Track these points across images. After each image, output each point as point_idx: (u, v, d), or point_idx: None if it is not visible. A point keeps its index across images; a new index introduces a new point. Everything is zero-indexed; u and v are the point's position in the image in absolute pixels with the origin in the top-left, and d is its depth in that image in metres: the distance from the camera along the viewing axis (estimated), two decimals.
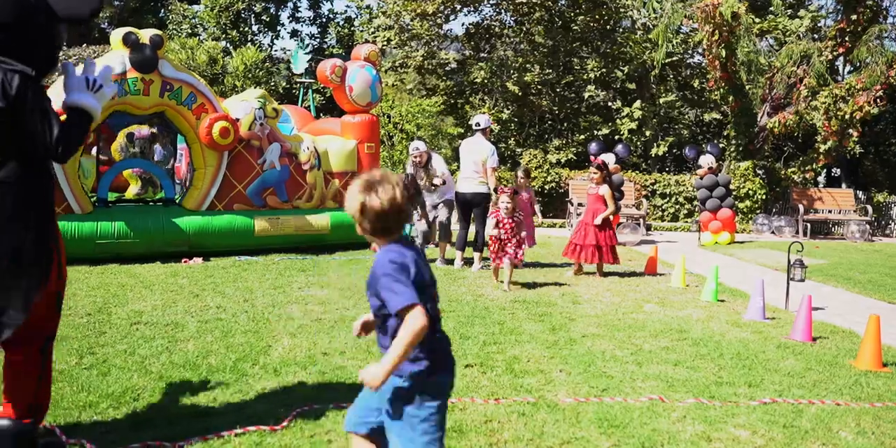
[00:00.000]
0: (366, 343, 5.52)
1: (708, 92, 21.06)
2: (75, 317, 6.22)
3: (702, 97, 22.36)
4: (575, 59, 22.17)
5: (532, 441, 3.78)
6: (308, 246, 10.36)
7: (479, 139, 9.62)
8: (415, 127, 18.72)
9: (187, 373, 4.73)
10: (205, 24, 26.74)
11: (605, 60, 21.68)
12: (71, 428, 3.74)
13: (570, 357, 5.34)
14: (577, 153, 20.89)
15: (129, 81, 9.27)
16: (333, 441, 3.70)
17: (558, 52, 21.86)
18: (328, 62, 11.28)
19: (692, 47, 21.65)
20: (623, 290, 8.07)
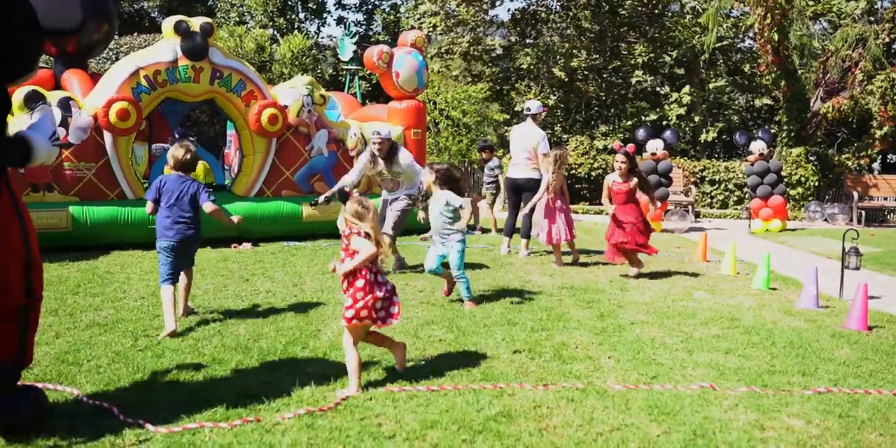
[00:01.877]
0: (413, 329, 5.55)
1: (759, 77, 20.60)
2: (129, 300, 6.36)
3: (752, 82, 21.90)
4: (622, 44, 21.87)
5: (582, 427, 3.77)
6: None
7: (529, 125, 9.56)
8: (460, 113, 18.68)
9: (239, 355, 4.81)
10: (252, 12, 26.96)
11: (653, 45, 21.35)
12: (128, 408, 3.83)
13: (618, 344, 5.30)
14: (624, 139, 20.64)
15: (180, 69, 9.41)
16: (383, 424, 3.74)
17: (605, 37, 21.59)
18: (375, 48, 11.30)
19: (743, 31, 21.19)
20: (672, 278, 7.98)
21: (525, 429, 3.72)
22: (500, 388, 4.30)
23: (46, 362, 4.59)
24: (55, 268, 7.71)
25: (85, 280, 7.12)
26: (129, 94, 9.10)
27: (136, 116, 9.07)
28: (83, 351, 4.85)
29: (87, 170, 9.02)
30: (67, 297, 6.38)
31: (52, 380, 4.27)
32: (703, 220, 15.74)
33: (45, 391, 4.07)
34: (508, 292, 6.95)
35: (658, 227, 12.69)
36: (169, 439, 3.49)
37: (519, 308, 6.31)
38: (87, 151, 8.99)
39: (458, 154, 18.45)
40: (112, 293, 6.59)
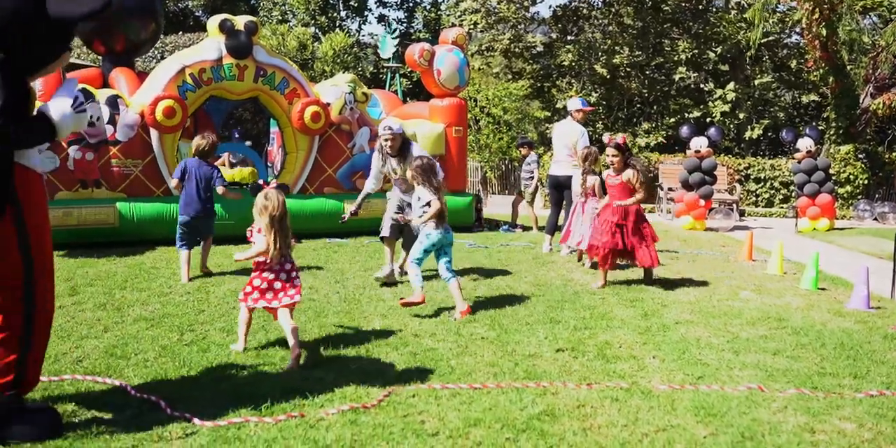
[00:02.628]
0: (455, 326, 5.55)
1: (806, 73, 20.20)
2: (175, 295, 6.45)
3: (799, 78, 21.48)
4: (665, 40, 21.59)
5: (626, 427, 3.73)
6: None
7: (569, 122, 9.51)
8: (501, 111, 18.61)
9: (282, 351, 4.85)
10: (294, 11, 27.18)
11: (696, 41, 21.04)
12: (174, 401, 3.88)
13: (663, 343, 5.24)
14: (667, 137, 20.41)
15: (225, 67, 9.51)
16: (427, 422, 3.73)
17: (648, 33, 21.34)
18: (416, 46, 11.31)
19: (790, 26, 20.78)
20: (717, 277, 7.85)
21: (569, 428, 3.69)
22: (543, 386, 4.27)
23: (96, 356, 4.67)
24: (103, 263, 7.85)
25: (132, 275, 7.24)
26: (175, 92, 9.23)
27: (182, 114, 9.19)
28: (131, 345, 4.92)
29: (133, 167, 9.16)
30: (115, 292, 6.49)
31: (101, 373, 4.34)
32: (748, 218, 15.49)
33: (95, 383, 4.16)
34: (550, 290, 6.90)
35: (702, 226, 12.52)
36: (214, 433, 3.52)
37: (561, 306, 6.26)
38: (134, 149, 9.14)
39: (499, 151, 18.40)
40: (158, 288, 6.69)
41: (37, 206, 3.43)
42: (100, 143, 8.91)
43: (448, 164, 11.13)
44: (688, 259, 9.03)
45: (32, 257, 3.38)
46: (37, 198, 3.43)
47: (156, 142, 9.23)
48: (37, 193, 3.44)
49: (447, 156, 11.16)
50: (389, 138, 7.14)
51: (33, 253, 3.38)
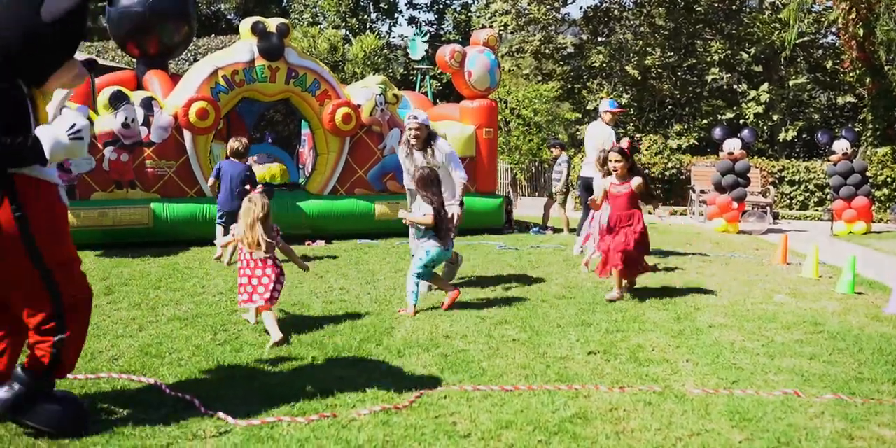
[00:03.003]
0: (486, 328, 5.53)
1: (842, 73, 19.92)
2: (208, 295, 6.50)
3: (835, 79, 21.18)
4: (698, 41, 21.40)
5: (660, 431, 3.69)
6: None
7: (599, 123, 9.48)
8: (531, 112, 18.56)
9: (314, 351, 4.87)
10: (325, 13, 27.33)
11: (729, 42, 20.83)
12: (208, 400, 3.91)
13: (696, 347, 5.18)
14: (699, 138, 20.22)
15: (257, 69, 9.59)
16: (458, 423, 3.72)
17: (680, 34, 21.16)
18: (447, 47, 11.32)
19: (825, 27, 20.50)
20: (751, 280, 7.76)
21: (602, 431, 3.66)
22: (575, 389, 4.25)
23: (131, 354, 4.72)
24: (137, 263, 7.95)
25: (166, 275, 7.32)
26: (208, 93, 9.32)
27: (215, 116, 9.29)
28: (165, 344, 4.97)
29: (167, 168, 9.27)
30: (150, 292, 6.57)
31: (137, 371, 4.39)
32: (782, 221, 15.30)
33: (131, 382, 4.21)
34: (581, 292, 6.86)
35: (735, 228, 12.38)
36: (248, 432, 3.55)
37: (593, 309, 6.22)
38: (168, 150, 9.24)
39: (529, 153, 18.34)
40: (192, 288, 6.76)
41: (45, 214, 3.38)
42: (134, 144, 9.02)
43: (478, 166, 11.13)
44: (721, 262, 8.93)
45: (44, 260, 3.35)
46: (44, 206, 3.37)
47: (189, 143, 9.33)
48: (45, 202, 3.38)
49: (478, 157, 11.16)
50: (414, 127, 6.78)
51: (45, 257, 3.35)
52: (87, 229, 8.65)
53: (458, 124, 11.20)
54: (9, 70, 3.26)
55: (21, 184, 3.31)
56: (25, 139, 3.25)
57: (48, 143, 3.30)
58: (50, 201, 3.42)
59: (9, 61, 3.26)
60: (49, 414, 3.42)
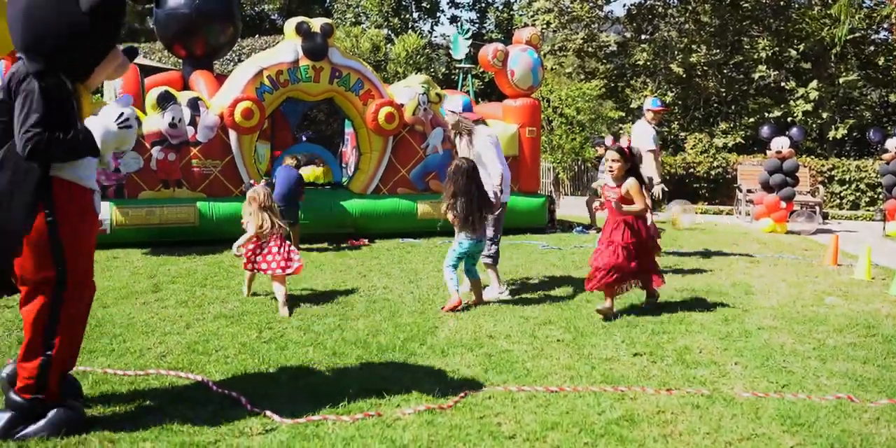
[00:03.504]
0: (530, 329, 5.50)
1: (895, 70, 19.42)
2: (253, 294, 6.55)
3: (887, 76, 20.63)
4: (744, 37, 21.03)
5: (709, 435, 3.62)
6: None
7: (641, 122, 9.35)
8: (574, 111, 18.42)
9: (358, 350, 4.88)
10: (368, 13, 27.45)
11: (777, 38, 20.43)
12: (254, 398, 3.94)
13: (745, 349, 5.08)
14: (745, 137, 19.87)
15: (301, 69, 9.66)
16: (503, 424, 3.70)
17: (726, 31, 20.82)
18: (490, 47, 11.28)
19: (877, 22, 20.01)
20: (800, 282, 7.59)
21: (649, 434, 3.61)
22: (621, 391, 4.20)
23: (178, 351, 4.78)
24: (184, 261, 8.06)
25: (211, 273, 7.41)
26: (253, 93, 9.41)
27: (260, 115, 9.37)
28: (212, 341, 5.03)
29: (213, 167, 9.38)
30: (196, 289, 6.65)
31: (184, 368, 4.44)
32: (832, 221, 14.98)
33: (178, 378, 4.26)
34: (626, 293, 6.76)
35: (783, 229, 12.15)
36: (294, 430, 3.57)
37: (638, 309, 6.14)
38: (214, 149, 9.35)
39: (572, 152, 18.21)
40: (237, 286, 6.82)
41: (76, 219, 3.39)
42: (181, 144, 9.14)
43: (521, 165, 11.07)
44: (769, 263, 8.76)
45: (66, 270, 3.36)
46: (76, 211, 3.39)
47: (234, 143, 9.42)
48: (77, 206, 3.40)
49: (520, 156, 11.10)
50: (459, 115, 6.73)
51: (68, 266, 3.36)
52: (134, 228, 8.80)
53: (500, 123, 11.15)
54: (54, 66, 3.29)
55: (56, 187, 3.33)
56: (76, 133, 3.28)
57: (99, 134, 3.32)
58: (83, 207, 3.43)
59: (53, 57, 3.29)
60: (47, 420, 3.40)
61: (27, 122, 3.18)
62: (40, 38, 3.28)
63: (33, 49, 3.29)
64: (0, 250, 3.31)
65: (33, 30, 3.28)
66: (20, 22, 3.30)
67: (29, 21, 3.28)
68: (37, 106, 3.19)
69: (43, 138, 3.17)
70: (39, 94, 3.20)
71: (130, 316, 5.65)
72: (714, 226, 12.73)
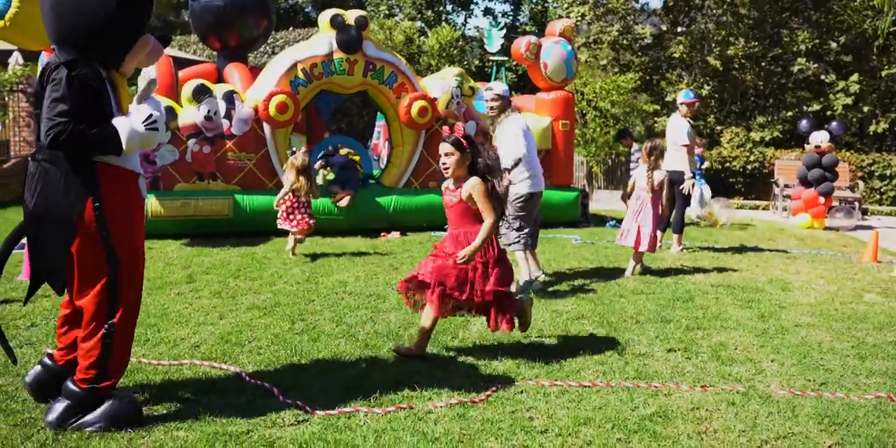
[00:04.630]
0: (563, 323, 5.46)
1: None
2: (285, 285, 6.60)
3: None
4: (783, 30, 20.66)
5: (744, 433, 3.57)
6: None
7: (675, 116, 9.25)
8: (608, 104, 18.25)
9: (391, 342, 4.88)
10: (401, 5, 27.42)
11: (817, 31, 20.03)
12: (286, 389, 3.96)
13: (781, 347, 5.00)
14: (783, 131, 19.53)
15: (335, 62, 9.67)
16: (535, 418, 3.68)
17: (765, 23, 20.45)
18: (523, 39, 11.21)
19: None
20: (839, 279, 7.45)
21: (683, 431, 3.57)
22: (654, 387, 4.15)
23: (212, 342, 4.82)
24: (217, 252, 8.13)
25: (245, 264, 7.46)
26: (287, 87, 9.45)
27: (294, 109, 9.40)
28: (245, 332, 5.06)
29: (248, 160, 9.44)
30: (229, 281, 6.70)
31: (217, 358, 4.48)
32: (872, 217, 14.68)
33: (212, 369, 4.30)
34: (661, 288, 6.70)
35: (821, 225, 11.94)
36: (326, 421, 3.58)
37: (672, 305, 6.07)
38: (248, 142, 9.41)
39: (605, 146, 18.06)
40: (269, 278, 6.87)
41: (122, 203, 3.42)
42: (216, 136, 9.21)
43: (555, 159, 11.00)
44: (806, 259, 8.62)
45: (118, 256, 3.39)
46: (123, 196, 3.42)
47: (269, 136, 9.47)
48: (123, 191, 3.43)
49: (554, 150, 11.03)
50: (490, 99, 6.82)
51: (118, 251, 3.39)
52: (170, 219, 8.89)
53: (533, 116, 11.08)
54: (85, 55, 3.31)
55: (101, 171, 3.36)
56: (103, 128, 3.30)
57: (124, 133, 3.35)
58: (128, 191, 3.46)
59: (83, 46, 3.32)
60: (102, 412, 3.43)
61: (53, 111, 3.21)
62: (70, 27, 3.33)
63: (64, 39, 3.34)
64: (62, 242, 3.35)
65: (63, 20, 3.33)
66: (51, 13, 3.36)
67: (58, 11, 3.34)
68: (63, 95, 3.21)
69: (67, 128, 3.19)
70: (66, 83, 3.22)
71: (165, 306, 5.71)
72: (750, 221, 12.54)
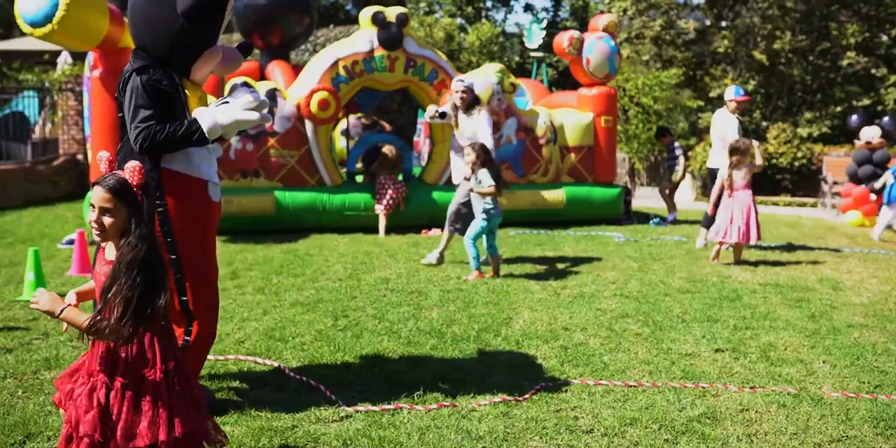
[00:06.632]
0: (607, 321, 5.39)
1: None
2: (328, 281, 6.62)
3: None
4: (832, 23, 20.22)
5: (796, 435, 3.48)
6: (542, 221, 10.31)
7: (723, 112, 9.08)
8: (651, 100, 18.03)
9: (433, 340, 4.87)
10: (441, 2, 27.41)
11: (867, 24, 19.56)
12: (330, 385, 3.97)
13: (833, 348, 4.87)
14: (831, 127, 19.12)
15: (376, 59, 9.68)
16: (580, 418, 3.63)
17: (813, 16, 20.03)
18: (565, 34, 11.10)
19: None
20: (892, 278, 7.24)
21: (732, 433, 3.49)
22: (702, 387, 4.07)
23: (256, 337, 4.85)
24: (261, 249, 8.19)
25: (287, 261, 7.51)
26: (329, 84, 9.48)
27: (336, 106, 9.43)
28: (288, 328, 5.09)
29: (290, 157, 9.50)
30: (272, 277, 6.75)
31: (262, 354, 4.51)
32: None
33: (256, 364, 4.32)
34: (707, 287, 6.59)
35: (872, 222, 11.64)
36: (369, 418, 3.57)
37: (719, 304, 5.96)
38: (291, 140, 9.46)
39: (648, 142, 17.85)
40: (312, 274, 6.90)
41: (188, 210, 3.43)
42: (259, 134, 9.29)
43: (597, 155, 10.89)
44: (857, 258, 8.40)
45: (182, 262, 3.40)
46: (188, 202, 3.43)
47: (310, 133, 9.52)
48: (189, 197, 3.43)
49: (596, 146, 10.91)
50: (461, 90, 7.46)
51: (183, 259, 3.40)
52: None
53: (575, 112, 10.98)
54: (157, 62, 3.40)
55: (166, 178, 3.38)
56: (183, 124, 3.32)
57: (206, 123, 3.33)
58: (195, 198, 3.47)
59: (155, 53, 3.41)
60: None
61: (136, 118, 3.30)
62: (139, 35, 3.46)
63: (140, 45, 3.47)
64: None
65: (139, 27, 3.46)
66: (131, 19, 3.50)
67: (135, 19, 3.47)
68: (142, 102, 3.30)
69: (151, 132, 3.26)
70: (142, 89, 3.31)
71: None
72: (797, 219, 12.29)
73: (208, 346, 3.63)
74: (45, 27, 6.77)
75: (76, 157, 14.09)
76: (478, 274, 6.80)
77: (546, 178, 10.63)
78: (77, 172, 13.70)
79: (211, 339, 3.61)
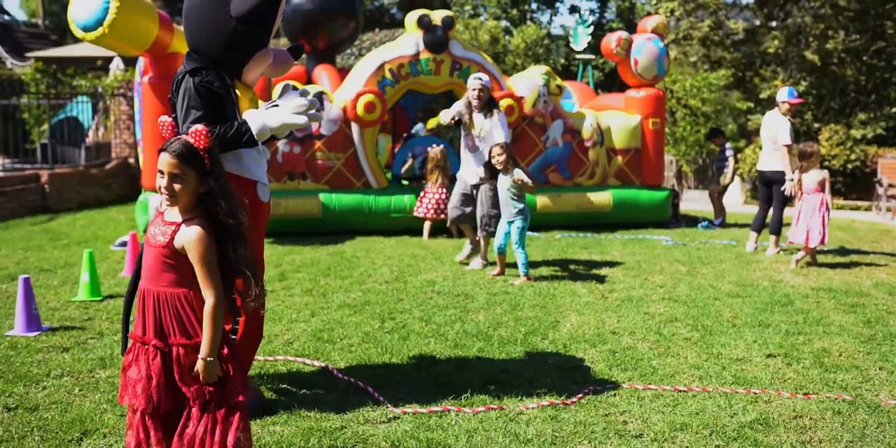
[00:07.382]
0: (655, 325, 5.33)
1: None
2: (374, 284, 6.66)
3: None
4: (888, 22, 19.73)
5: (852, 443, 3.40)
6: (589, 224, 10.24)
7: (773, 114, 8.91)
8: (699, 102, 17.79)
9: (480, 342, 4.86)
10: (486, 4, 27.40)
11: None
12: (378, 386, 3.99)
13: (890, 354, 4.75)
14: (886, 128, 18.66)
15: (422, 62, 9.72)
16: (629, 422, 3.59)
17: (867, 15, 19.57)
18: (613, 35, 11.02)
19: None
20: None
21: (786, 440, 3.42)
22: (754, 393, 4.00)
23: (304, 339, 4.90)
24: (308, 251, 8.27)
25: (334, 263, 7.57)
26: (375, 87, 9.54)
27: (382, 109, 9.49)
28: (336, 330, 5.13)
29: (336, 160, 9.58)
30: (320, 279, 6.81)
31: (310, 355, 4.55)
32: None
33: (304, 365, 4.36)
34: (757, 291, 6.48)
35: None
36: (417, 420, 3.58)
37: (770, 309, 5.85)
38: (337, 142, 9.54)
39: (696, 144, 17.62)
40: (359, 276, 6.94)
41: None
42: (306, 137, 9.39)
43: (644, 158, 10.78)
44: None
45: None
46: None
47: (357, 136, 9.58)
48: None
49: (643, 149, 10.80)
50: (478, 88, 7.26)
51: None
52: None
53: (622, 114, 10.89)
54: (209, 63, 3.46)
55: None
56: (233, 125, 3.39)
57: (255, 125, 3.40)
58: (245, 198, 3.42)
59: (207, 55, 3.47)
60: None
61: (188, 118, 3.36)
62: (193, 37, 3.52)
63: (194, 47, 3.53)
64: None
65: (193, 29, 3.52)
66: (186, 21, 3.56)
67: (190, 21, 3.53)
68: (194, 103, 3.37)
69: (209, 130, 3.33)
70: (194, 91, 3.37)
71: None
72: (851, 222, 12.01)
73: (256, 346, 3.66)
74: (97, 31, 6.97)
75: (128, 161, 14.41)
76: (525, 278, 6.79)
77: (593, 180, 10.55)
78: (128, 175, 14.02)
79: (257, 338, 3.65)
